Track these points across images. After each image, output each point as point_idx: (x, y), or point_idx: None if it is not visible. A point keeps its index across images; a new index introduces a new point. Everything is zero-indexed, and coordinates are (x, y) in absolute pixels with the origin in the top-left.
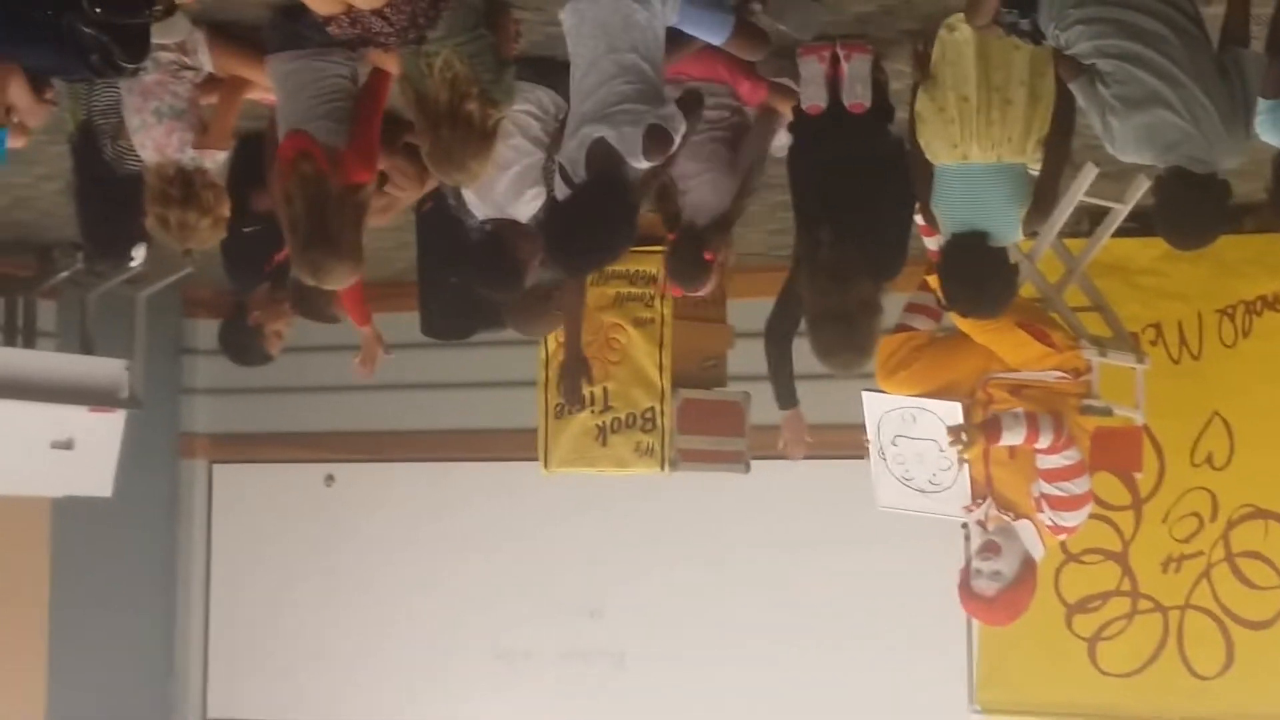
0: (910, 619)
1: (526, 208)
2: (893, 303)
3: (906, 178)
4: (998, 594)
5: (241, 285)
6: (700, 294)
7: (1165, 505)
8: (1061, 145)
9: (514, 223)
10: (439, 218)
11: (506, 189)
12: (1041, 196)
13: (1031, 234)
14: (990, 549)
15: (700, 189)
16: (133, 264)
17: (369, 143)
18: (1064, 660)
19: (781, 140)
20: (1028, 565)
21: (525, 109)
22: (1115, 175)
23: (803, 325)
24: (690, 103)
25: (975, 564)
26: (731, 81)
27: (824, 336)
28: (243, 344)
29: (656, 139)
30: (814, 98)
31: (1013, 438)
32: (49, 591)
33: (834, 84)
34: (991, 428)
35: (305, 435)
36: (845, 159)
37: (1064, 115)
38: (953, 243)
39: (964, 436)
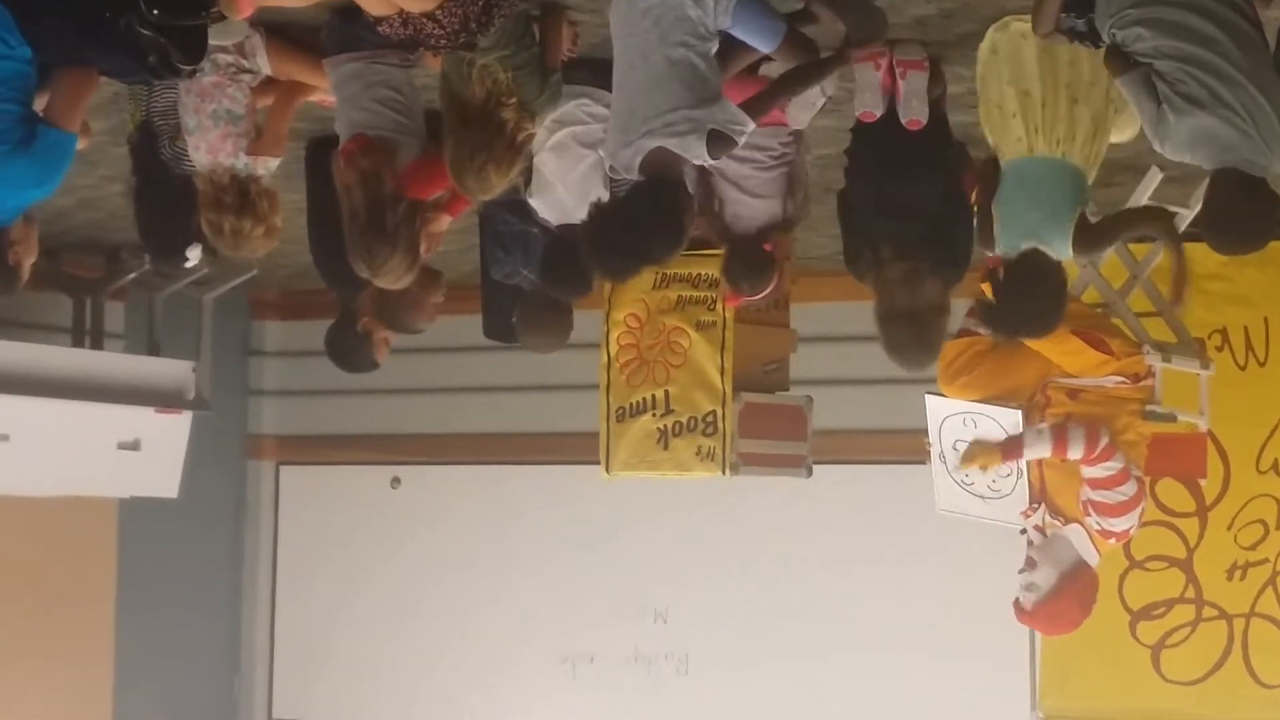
0: (973, 626)
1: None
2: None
3: (962, 194)
4: (1035, 606)
5: (344, 291)
6: (761, 296)
7: (1230, 512)
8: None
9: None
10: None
11: (573, 193)
12: (1099, 230)
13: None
14: (1028, 564)
15: (755, 211)
16: (188, 264)
17: (437, 164)
18: (1127, 668)
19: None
20: (1070, 576)
21: (586, 111)
22: (1180, 180)
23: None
24: (754, 105)
25: (1017, 578)
26: (783, 120)
27: (894, 335)
28: (350, 349)
29: (719, 143)
30: (869, 104)
31: (1036, 453)
32: (116, 592)
33: (889, 94)
34: (1012, 446)
35: (371, 438)
36: (904, 168)
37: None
38: (1008, 270)
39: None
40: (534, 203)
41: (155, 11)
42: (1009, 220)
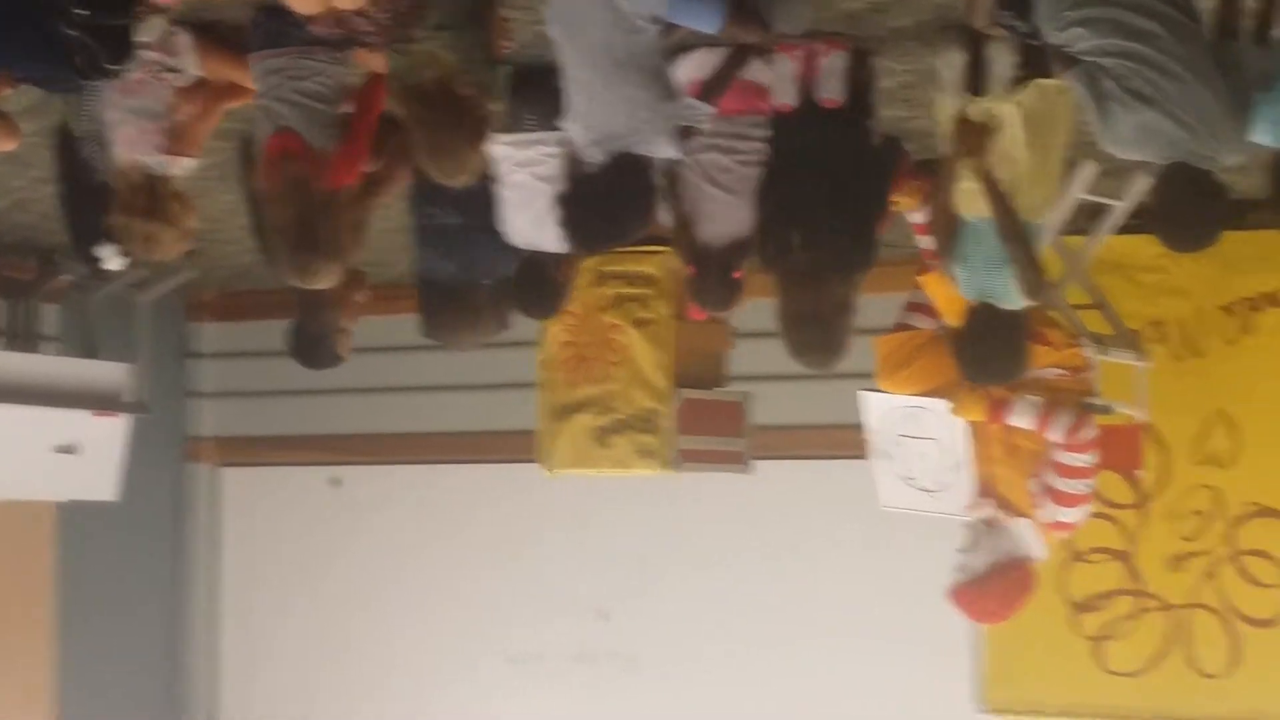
0: (917, 619)
1: (555, 240)
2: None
3: (881, 176)
4: (959, 587)
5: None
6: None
7: (1170, 503)
8: (1011, 231)
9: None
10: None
11: (533, 225)
12: (1023, 275)
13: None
14: (967, 544)
15: (725, 217)
16: (103, 265)
17: (356, 146)
18: (1070, 660)
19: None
20: (1001, 569)
21: (543, 153)
22: (1114, 172)
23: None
24: (710, 89)
25: (956, 556)
26: (765, 105)
27: (798, 337)
28: (313, 348)
29: (684, 135)
30: (785, 95)
31: (1021, 421)
32: (55, 596)
33: (807, 81)
34: (999, 406)
35: (312, 438)
36: (817, 158)
37: (1000, 206)
38: (967, 317)
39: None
40: (505, 227)
41: (82, 12)
42: (964, 278)
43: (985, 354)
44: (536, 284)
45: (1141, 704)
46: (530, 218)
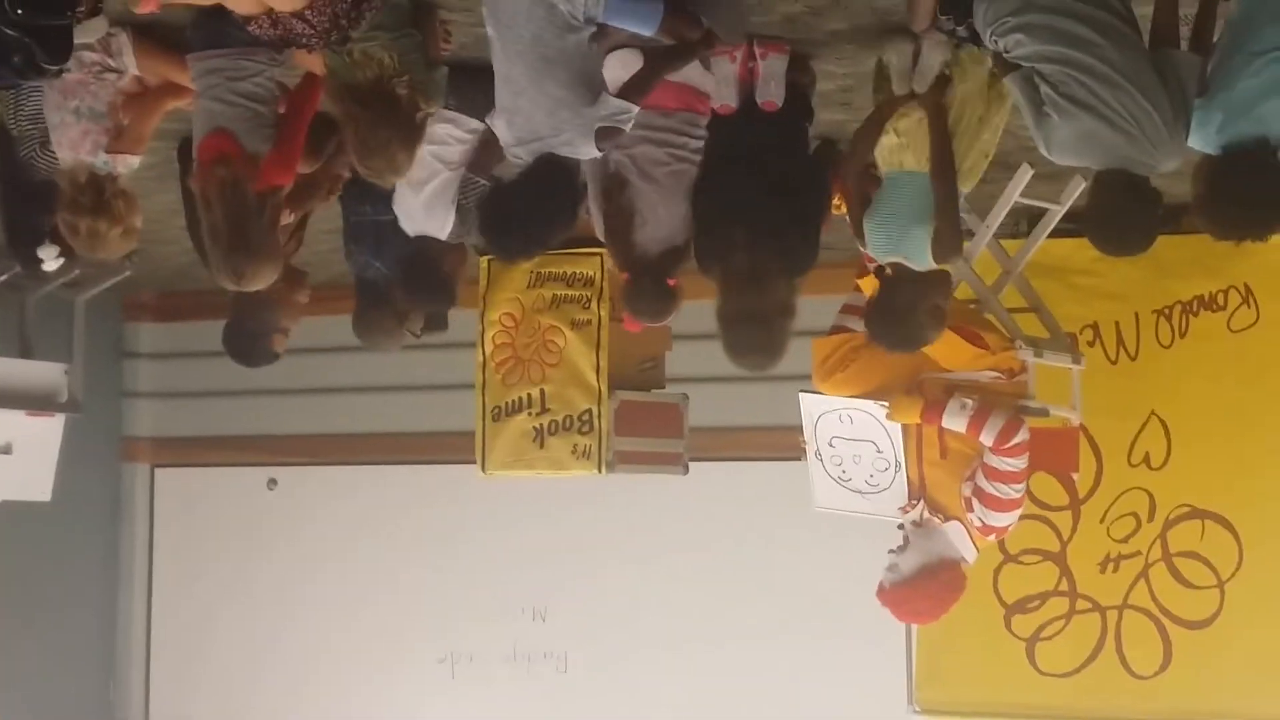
0: (850, 619)
1: (443, 226)
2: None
3: (820, 177)
4: (890, 587)
5: None
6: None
7: (1103, 505)
8: (946, 176)
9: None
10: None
11: (423, 206)
12: (943, 229)
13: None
14: (899, 546)
15: (657, 218)
16: (44, 265)
17: (292, 146)
18: (1003, 660)
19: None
20: (931, 569)
21: (450, 134)
22: (1051, 176)
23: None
24: (634, 89)
25: (887, 556)
26: (703, 108)
27: (737, 338)
28: (249, 346)
29: (606, 135)
30: (725, 98)
31: (953, 424)
32: None
33: (747, 84)
34: (933, 408)
35: (247, 439)
36: (758, 159)
37: (943, 146)
38: (881, 285)
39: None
40: (398, 210)
41: (19, 11)
42: (876, 236)
43: (894, 318)
44: (425, 274)
45: (1074, 704)
46: (422, 199)
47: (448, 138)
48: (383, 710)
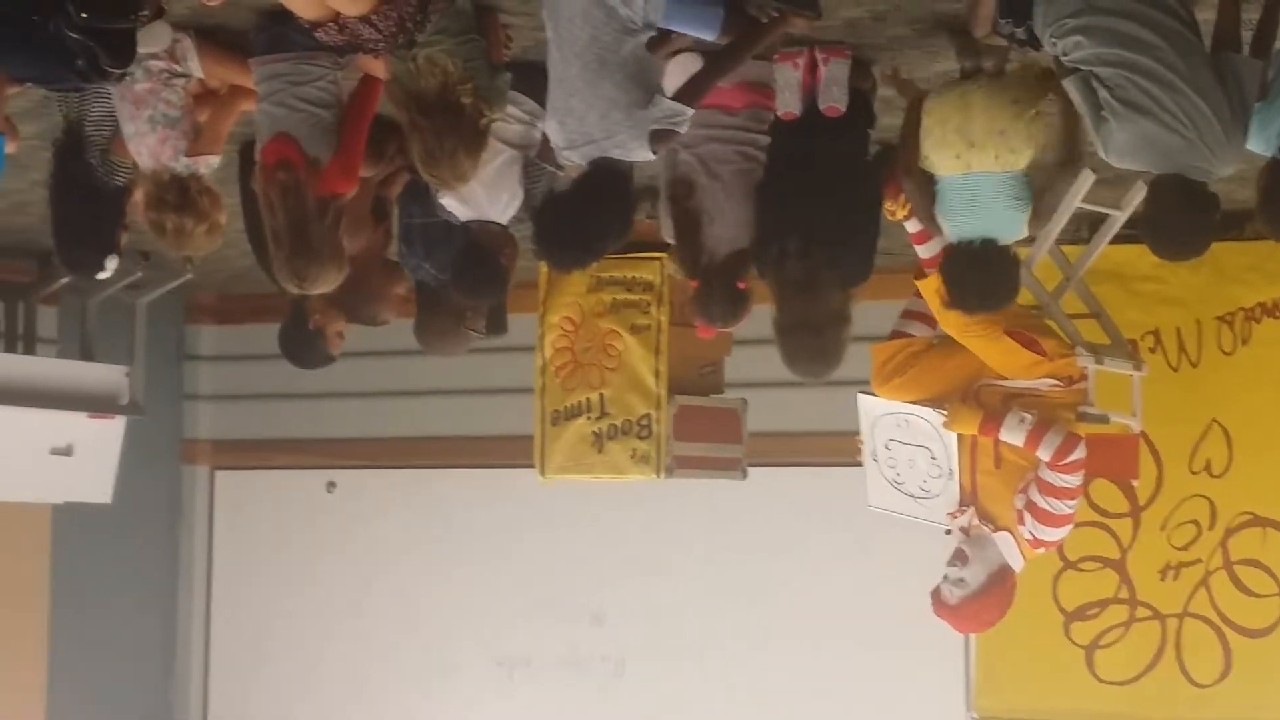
0: (909, 625)
1: (505, 210)
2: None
3: (878, 184)
4: (960, 602)
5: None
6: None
7: (1164, 512)
8: (1071, 146)
9: (494, 226)
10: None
11: (484, 187)
12: (1044, 203)
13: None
14: (959, 557)
15: (724, 217)
16: (103, 275)
17: (353, 154)
18: (1062, 667)
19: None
20: (997, 578)
21: (518, 114)
22: (1113, 182)
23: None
24: (690, 91)
25: (945, 570)
26: (771, 103)
27: (793, 346)
28: (303, 347)
29: (660, 138)
30: (788, 104)
31: (1011, 438)
32: (49, 598)
33: (809, 90)
34: (991, 421)
35: (307, 442)
36: (817, 167)
37: (1072, 122)
38: (956, 249)
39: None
40: (447, 201)
41: (83, 15)
42: (955, 225)
43: (975, 282)
44: (477, 265)
45: (1132, 712)
46: (484, 180)
47: (507, 116)
48: (439, 713)
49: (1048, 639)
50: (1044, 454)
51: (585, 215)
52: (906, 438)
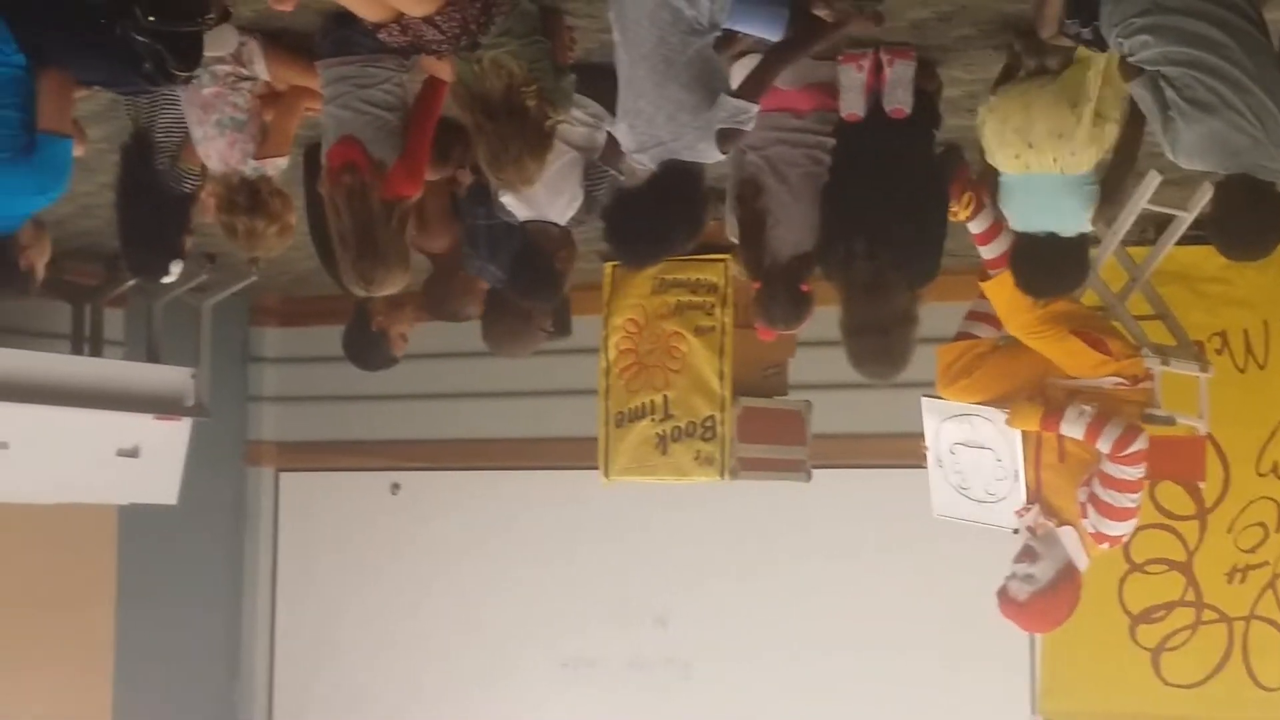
0: (973, 627)
1: (565, 211)
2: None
3: (944, 185)
4: (1029, 598)
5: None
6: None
7: (1230, 515)
8: (1132, 142)
9: (553, 227)
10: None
11: (546, 187)
12: (1110, 191)
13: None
14: (1027, 554)
15: (789, 219)
16: (167, 279)
17: (418, 157)
18: (1127, 670)
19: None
20: (1065, 574)
21: (583, 118)
22: (1179, 182)
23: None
24: (752, 85)
25: (1012, 568)
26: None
27: (860, 348)
28: (367, 348)
29: (728, 138)
30: (852, 106)
31: (1072, 430)
32: (116, 599)
33: (874, 92)
34: (1052, 415)
35: (371, 443)
36: (883, 169)
37: (1136, 114)
38: (1022, 240)
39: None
40: (504, 199)
41: (150, 18)
42: (1018, 220)
43: (1043, 269)
44: (533, 266)
45: (1199, 715)
46: (546, 180)
47: (571, 118)
48: (504, 714)
49: (1113, 641)
50: (1104, 446)
51: (656, 213)
52: (971, 441)
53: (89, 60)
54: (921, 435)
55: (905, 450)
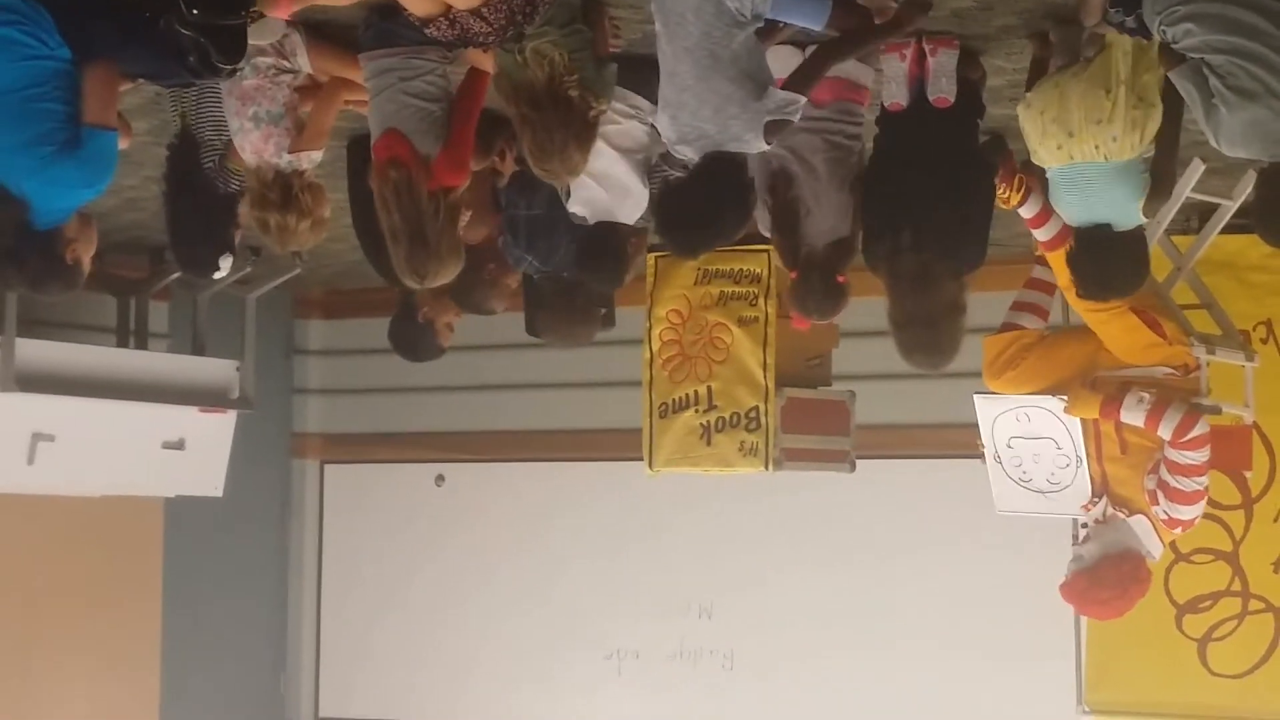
0: (1019, 619)
1: (633, 211)
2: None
3: (989, 173)
4: (1072, 576)
5: (400, 283)
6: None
7: (1276, 504)
8: (1172, 128)
9: (624, 227)
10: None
11: (612, 193)
12: (1158, 181)
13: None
14: (1085, 539)
15: (821, 207)
16: (218, 275)
17: (463, 147)
18: (1174, 661)
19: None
20: (1113, 558)
21: (624, 110)
22: (1223, 171)
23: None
24: (800, 79)
25: (1072, 549)
26: (859, 98)
27: (908, 339)
28: (414, 340)
29: (775, 129)
30: (896, 95)
31: (1131, 418)
32: (162, 591)
33: (917, 81)
34: (1111, 403)
35: (416, 435)
36: (927, 158)
37: (1174, 101)
38: (1079, 238)
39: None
40: (572, 206)
41: (195, 11)
42: (1069, 214)
43: (1100, 269)
44: (600, 251)
45: (1245, 706)
46: (606, 185)
47: (615, 116)
48: (549, 706)
49: (1160, 632)
50: (1165, 432)
51: (707, 200)
52: (1029, 431)
53: (134, 53)
54: (967, 426)
55: (950, 440)
